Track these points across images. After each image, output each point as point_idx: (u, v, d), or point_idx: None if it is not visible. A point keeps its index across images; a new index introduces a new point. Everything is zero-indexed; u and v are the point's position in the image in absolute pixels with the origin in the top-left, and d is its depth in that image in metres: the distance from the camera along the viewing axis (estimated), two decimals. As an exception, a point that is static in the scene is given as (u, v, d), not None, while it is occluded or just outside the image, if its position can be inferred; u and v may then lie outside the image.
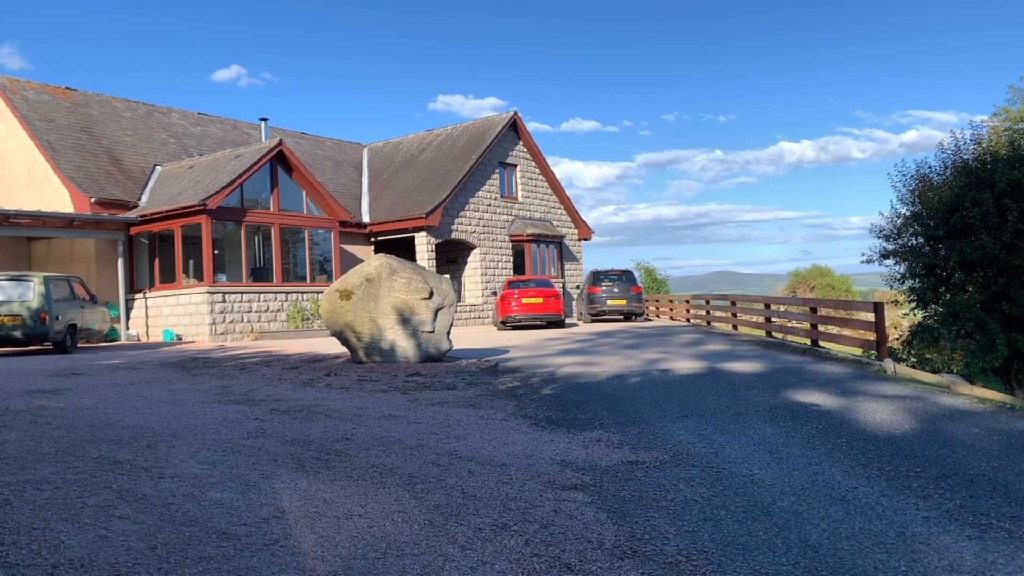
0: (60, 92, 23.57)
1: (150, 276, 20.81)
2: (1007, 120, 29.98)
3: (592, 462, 5.15)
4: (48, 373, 10.68)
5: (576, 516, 3.93)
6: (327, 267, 22.93)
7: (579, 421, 6.73)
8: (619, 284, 24.63)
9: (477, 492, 4.33)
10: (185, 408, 7.26)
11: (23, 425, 6.16)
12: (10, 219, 17.70)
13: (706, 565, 3.30)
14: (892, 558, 3.38)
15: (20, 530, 3.45)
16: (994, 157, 14.78)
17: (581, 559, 3.33)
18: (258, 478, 4.51)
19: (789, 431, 6.15)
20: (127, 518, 3.67)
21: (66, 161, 20.89)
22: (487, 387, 8.82)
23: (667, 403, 7.61)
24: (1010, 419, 6.73)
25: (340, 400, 7.84)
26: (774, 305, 18.85)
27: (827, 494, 4.36)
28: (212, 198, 18.96)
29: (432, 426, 6.36)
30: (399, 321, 11.26)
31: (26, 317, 14.53)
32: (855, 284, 68.99)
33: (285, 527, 3.62)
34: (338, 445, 5.51)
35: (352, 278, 11.59)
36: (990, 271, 13.79)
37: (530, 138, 29.62)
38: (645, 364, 11.12)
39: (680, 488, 4.51)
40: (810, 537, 3.64)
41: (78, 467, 4.67)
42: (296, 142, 28.68)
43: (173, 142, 25.17)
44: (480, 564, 3.24)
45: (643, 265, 39.67)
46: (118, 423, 6.34)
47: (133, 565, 3.08)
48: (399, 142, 32.06)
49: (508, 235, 28.34)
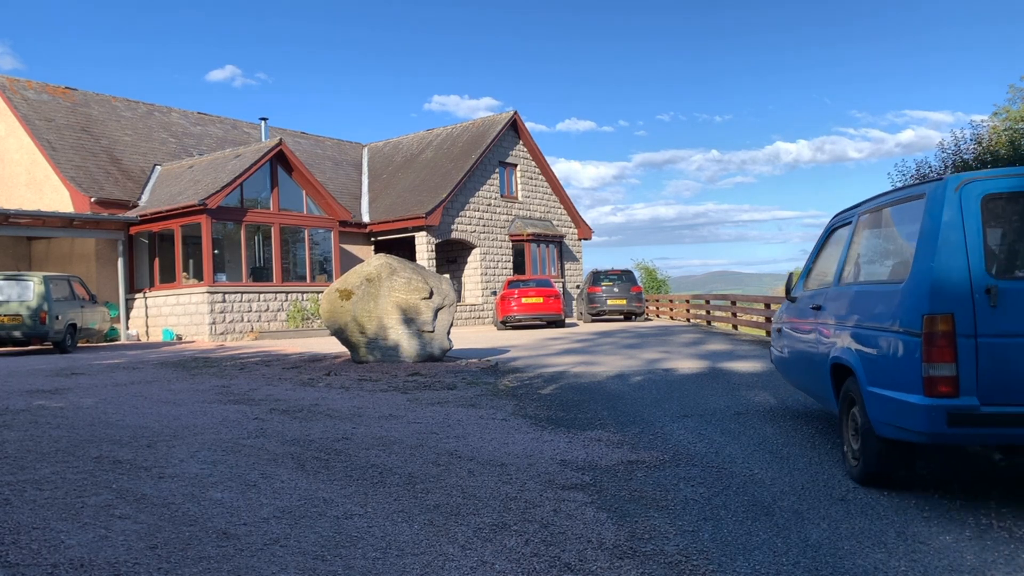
0: (60, 92, 23.57)
1: (150, 276, 20.81)
2: (1007, 120, 29.97)
3: (592, 462, 5.15)
4: (48, 373, 10.68)
5: (576, 516, 3.93)
6: (327, 267, 22.92)
7: (579, 421, 6.73)
8: (619, 284, 24.64)
9: (477, 492, 4.33)
10: (185, 408, 7.26)
11: (23, 425, 6.16)
12: (10, 219, 17.69)
13: (706, 565, 3.29)
14: (892, 558, 3.38)
15: (20, 530, 3.45)
16: (994, 156, 14.78)
17: (581, 559, 3.33)
18: (258, 478, 4.51)
19: (790, 431, 6.15)
20: (127, 518, 3.67)
21: (66, 161, 20.89)
22: (487, 387, 8.82)
23: (667, 403, 7.61)
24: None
25: (340, 400, 7.84)
26: (775, 305, 18.83)
27: (828, 494, 4.36)
28: (212, 198, 18.96)
29: (432, 426, 6.36)
30: (399, 321, 11.26)
31: (26, 317, 14.53)
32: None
33: (285, 527, 3.62)
34: (338, 445, 5.51)
35: (352, 278, 11.59)
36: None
37: (530, 138, 29.62)
38: (645, 364, 11.12)
39: (680, 488, 4.51)
40: (810, 537, 3.64)
41: (78, 467, 4.67)
42: (296, 142, 28.68)
43: (173, 142, 25.17)
44: (480, 564, 3.24)
45: (643, 265, 39.65)
46: (118, 423, 6.34)
47: (133, 565, 3.08)
48: (399, 142, 32.05)
49: (508, 235, 28.33)
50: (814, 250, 6.24)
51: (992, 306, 3.75)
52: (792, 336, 6.24)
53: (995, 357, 3.74)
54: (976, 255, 3.82)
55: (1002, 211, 3.98)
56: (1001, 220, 4.01)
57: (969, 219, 3.87)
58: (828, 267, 5.71)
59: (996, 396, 3.74)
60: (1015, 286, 3.77)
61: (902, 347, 3.99)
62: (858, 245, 5.21)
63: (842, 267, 5.30)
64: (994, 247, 3.92)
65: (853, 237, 5.26)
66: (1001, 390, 3.74)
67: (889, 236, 4.85)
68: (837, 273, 5.35)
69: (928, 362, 3.78)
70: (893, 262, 4.55)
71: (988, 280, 3.78)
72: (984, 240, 3.84)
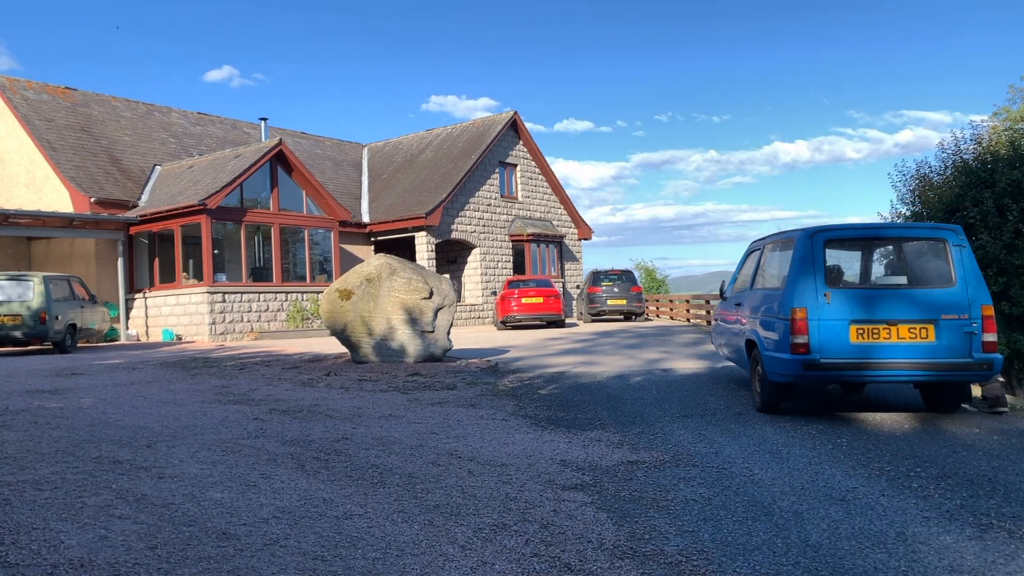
0: (60, 92, 23.57)
1: (150, 276, 20.80)
2: (1007, 120, 29.97)
3: (592, 462, 5.15)
4: (48, 373, 10.67)
5: (576, 516, 3.93)
6: (327, 267, 22.92)
7: (579, 421, 6.73)
8: (619, 284, 24.64)
9: (477, 492, 4.33)
10: (185, 408, 7.26)
11: (23, 425, 6.16)
12: (10, 219, 17.69)
13: (706, 565, 3.29)
14: (892, 558, 3.38)
15: (20, 530, 3.45)
16: (994, 157, 14.77)
17: (581, 559, 3.33)
18: (258, 478, 4.51)
19: (789, 431, 6.15)
20: (127, 518, 3.67)
21: (66, 161, 20.88)
22: (487, 387, 8.82)
23: (667, 403, 7.61)
24: (1010, 419, 6.73)
25: (340, 400, 7.84)
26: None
27: (827, 494, 4.36)
28: (212, 198, 18.95)
29: (432, 426, 6.36)
30: (399, 321, 11.26)
31: (26, 317, 14.53)
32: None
33: (285, 527, 3.62)
34: (338, 445, 5.51)
35: (352, 278, 11.59)
36: (990, 271, 13.79)
37: (530, 138, 29.62)
38: (645, 364, 11.12)
39: (680, 488, 4.51)
40: (810, 537, 3.64)
41: (78, 467, 4.67)
42: (296, 142, 28.68)
43: (173, 142, 25.17)
44: (480, 564, 3.24)
45: (643, 265, 39.67)
46: (118, 423, 6.34)
47: (133, 565, 3.08)
48: (399, 142, 32.05)
49: (508, 235, 28.33)
50: (739, 265, 8.78)
51: (827, 303, 6.30)
52: (723, 324, 8.76)
53: (826, 331, 6.27)
54: (819, 275, 6.40)
55: (834, 250, 6.91)
56: (832, 255, 6.80)
57: (817, 254, 6.46)
58: (746, 276, 8.23)
59: (827, 353, 6.25)
60: (837, 292, 6.36)
61: (782, 327, 6.48)
62: (763, 264, 7.72)
63: (754, 277, 7.86)
64: (828, 269, 6.47)
65: (760, 258, 7.85)
66: (829, 349, 6.26)
67: (778, 260, 7.24)
68: (751, 281, 7.92)
69: (793, 335, 6.30)
70: (780, 276, 6.96)
71: (825, 288, 6.35)
72: (824, 266, 6.43)
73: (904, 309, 6.25)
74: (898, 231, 7.33)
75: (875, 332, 6.23)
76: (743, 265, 8.53)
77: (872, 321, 6.23)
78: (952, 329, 6.17)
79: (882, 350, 6.20)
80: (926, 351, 6.17)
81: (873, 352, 6.21)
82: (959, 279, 6.30)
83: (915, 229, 7.17)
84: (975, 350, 6.15)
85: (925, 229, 6.90)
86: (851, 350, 6.24)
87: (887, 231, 7.37)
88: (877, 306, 6.28)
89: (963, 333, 6.17)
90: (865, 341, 6.23)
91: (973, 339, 6.17)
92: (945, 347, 6.16)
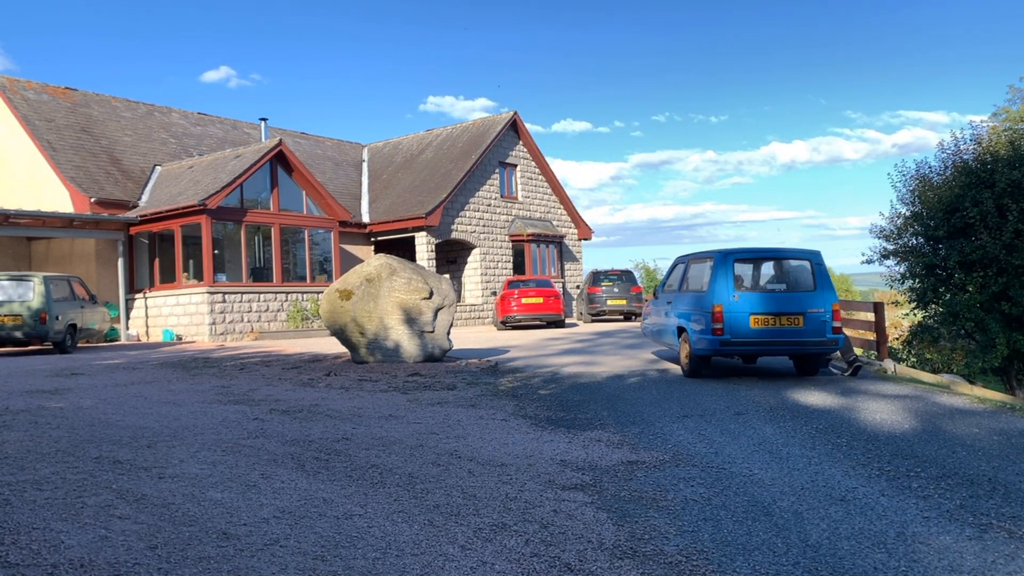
0: (60, 92, 23.57)
1: (150, 276, 20.80)
2: (1007, 120, 29.98)
3: (592, 462, 5.15)
4: (48, 373, 10.68)
5: (576, 516, 3.93)
6: (327, 267, 22.92)
7: (579, 421, 6.74)
8: (619, 284, 24.65)
9: (477, 492, 4.33)
10: (185, 408, 7.26)
11: (23, 425, 6.16)
12: (10, 219, 17.69)
13: (706, 565, 3.30)
14: (892, 558, 3.38)
15: (20, 530, 3.45)
16: (994, 157, 14.76)
17: (581, 559, 3.33)
18: (258, 478, 4.51)
19: (789, 431, 6.15)
20: (127, 518, 3.67)
21: (66, 161, 20.88)
22: (487, 387, 8.82)
23: (667, 403, 7.62)
24: (1010, 419, 6.73)
25: (340, 400, 7.84)
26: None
27: (827, 494, 4.36)
28: (212, 198, 18.96)
29: (432, 426, 6.36)
30: (399, 321, 11.26)
31: (26, 317, 14.53)
32: (855, 284, 68.95)
33: (285, 527, 3.62)
34: (338, 445, 5.51)
35: (352, 278, 11.59)
36: (990, 271, 13.78)
37: (530, 138, 29.62)
38: (645, 364, 11.12)
39: (680, 488, 4.51)
40: (810, 537, 3.65)
41: (78, 467, 4.68)
42: (296, 142, 28.68)
43: (173, 142, 25.17)
44: (480, 564, 3.24)
45: (642, 265, 39.71)
46: (118, 423, 6.34)
47: (133, 565, 3.08)
48: (399, 142, 32.05)
49: (508, 235, 28.33)
50: (667, 273, 11.35)
51: (736, 301, 8.74)
52: (657, 317, 11.17)
53: (734, 320, 8.69)
54: (730, 282, 8.89)
55: (739, 264, 9.25)
56: (739, 270, 9.22)
57: (728, 268, 8.97)
58: (674, 282, 10.67)
59: (735, 335, 8.70)
60: (742, 293, 8.85)
61: (705, 317, 8.89)
62: (688, 273, 10.16)
63: (681, 282, 10.30)
64: (736, 278, 8.97)
65: (686, 269, 10.28)
66: (737, 332, 8.70)
67: (701, 271, 9.67)
68: (679, 285, 10.37)
69: (713, 322, 8.72)
70: (703, 281, 9.39)
71: (733, 291, 8.82)
72: (733, 277, 8.91)
73: (784, 305, 8.83)
74: (780, 253, 9.50)
75: (766, 320, 8.75)
76: (671, 273, 11.06)
77: (764, 313, 8.75)
78: (814, 319, 8.77)
79: (771, 333, 8.77)
80: (798, 333, 8.78)
81: (765, 334, 8.77)
82: (818, 285, 8.94)
83: (791, 252, 9.45)
84: (827, 332, 8.80)
85: (797, 252, 9.37)
86: (751, 333, 8.74)
87: (774, 252, 9.53)
88: (767, 303, 8.81)
89: (820, 321, 8.78)
90: (760, 327, 8.74)
91: (826, 325, 8.79)
92: (810, 331, 8.77)
